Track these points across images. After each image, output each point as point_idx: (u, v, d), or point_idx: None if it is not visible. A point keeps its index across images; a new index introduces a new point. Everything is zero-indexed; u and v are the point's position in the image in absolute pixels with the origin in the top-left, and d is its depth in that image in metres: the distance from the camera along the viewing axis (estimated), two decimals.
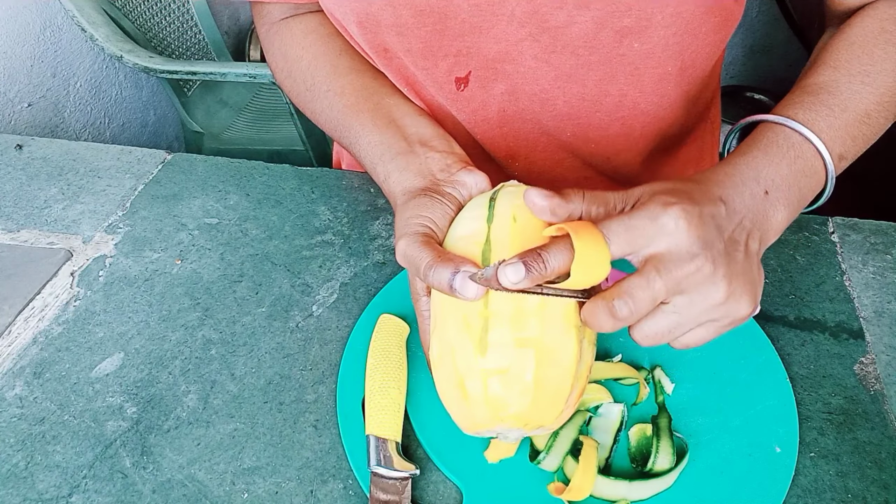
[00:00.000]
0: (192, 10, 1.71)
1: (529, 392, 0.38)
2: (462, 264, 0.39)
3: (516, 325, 0.38)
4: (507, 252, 0.39)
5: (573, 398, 0.40)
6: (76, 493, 0.45)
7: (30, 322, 0.57)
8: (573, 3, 0.52)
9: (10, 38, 1.33)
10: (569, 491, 0.43)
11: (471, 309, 0.40)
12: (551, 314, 0.38)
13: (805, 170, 0.46)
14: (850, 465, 0.47)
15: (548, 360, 0.38)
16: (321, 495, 0.45)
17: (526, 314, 0.38)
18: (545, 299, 0.38)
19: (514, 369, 0.38)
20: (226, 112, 1.75)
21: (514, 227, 0.41)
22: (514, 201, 0.42)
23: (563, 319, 0.38)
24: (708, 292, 0.38)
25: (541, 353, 0.38)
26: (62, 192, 0.70)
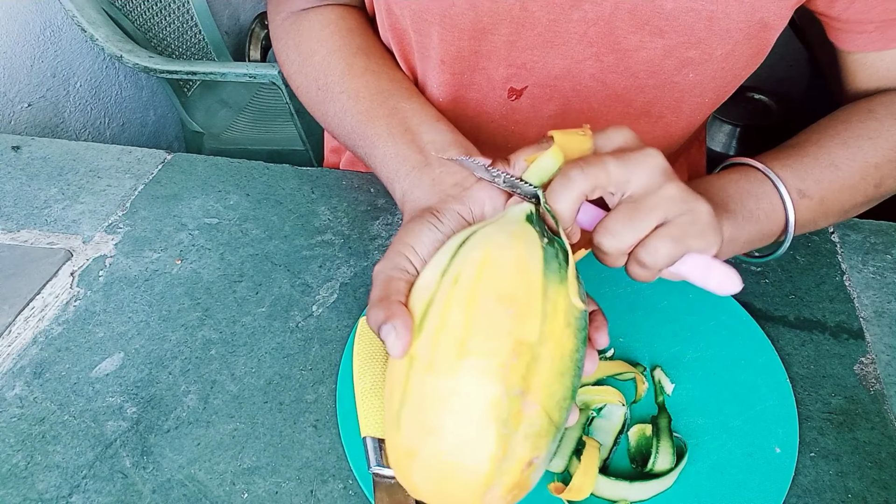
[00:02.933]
0: (192, 10, 1.71)
1: (436, 481, 0.35)
2: (393, 318, 0.37)
3: (428, 408, 0.35)
4: (437, 319, 0.36)
5: (497, 492, 0.35)
6: (76, 493, 0.45)
7: (30, 322, 0.57)
8: (649, 29, 0.53)
9: (10, 38, 1.33)
10: (569, 491, 0.43)
11: (395, 378, 0.37)
12: (468, 404, 0.34)
13: (754, 190, 0.49)
14: (850, 465, 0.47)
15: (456, 454, 0.34)
16: (321, 495, 0.45)
17: (440, 398, 0.34)
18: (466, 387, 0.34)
19: (421, 454, 0.35)
20: (226, 112, 1.75)
21: (453, 293, 0.36)
22: (471, 254, 0.38)
23: (483, 412, 0.34)
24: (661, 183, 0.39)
25: (448, 445, 0.34)
26: (62, 192, 0.70)
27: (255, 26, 2.11)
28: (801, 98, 2.07)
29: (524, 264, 0.37)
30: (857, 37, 0.56)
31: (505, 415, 0.34)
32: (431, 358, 0.35)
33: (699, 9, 0.51)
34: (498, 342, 0.34)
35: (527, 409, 0.34)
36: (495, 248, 0.38)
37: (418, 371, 0.36)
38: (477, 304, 0.36)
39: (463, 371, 0.34)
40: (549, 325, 0.36)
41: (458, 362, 0.34)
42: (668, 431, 0.47)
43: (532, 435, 0.35)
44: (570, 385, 0.36)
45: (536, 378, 0.35)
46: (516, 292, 0.36)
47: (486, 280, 0.36)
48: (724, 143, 2.04)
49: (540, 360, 0.35)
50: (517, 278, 0.36)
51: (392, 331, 0.37)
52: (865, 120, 0.54)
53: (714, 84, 0.58)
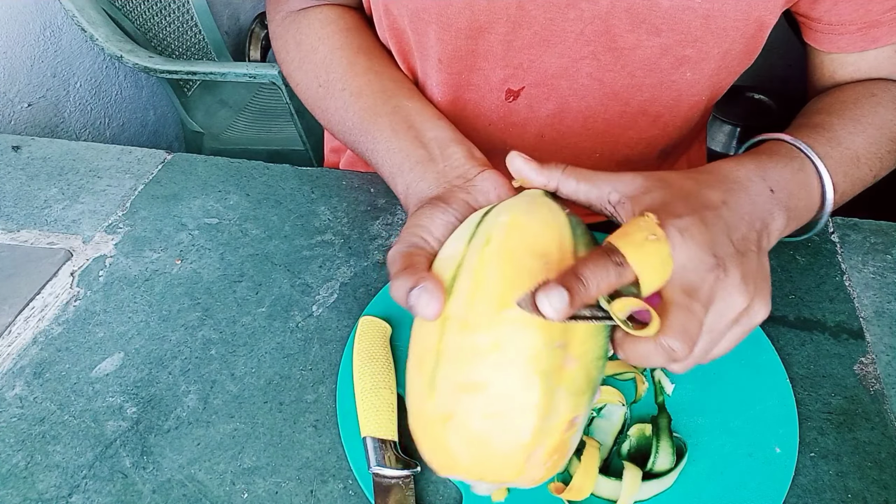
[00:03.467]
0: (192, 10, 1.71)
1: (476, 444, 0.34)
2: (423, 280, 0.35)
3: (467, 365, 0.33)
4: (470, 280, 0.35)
5: (540, 455, 0.34)
6: (76, 493, 0.45)
7: (30, 322, 0.57)
8: (646, 28, 0.53)
9: (10, 39, 1.33)
10: (569, 491, 0.43)
11: (427, 343, 0.36)
12: (511, 357, 0.33)
13: (805, 183, 0.47)
14: (850, 465, 0.47)
15: (499, 410, 0.33)
16: (321, 495, 0.45)
17: (479, 353, 0.33)
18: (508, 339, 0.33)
19: (459, 416, 0.34)
20: (226, 112, 1.75)
21: (486, 252, 0.36)
22: (498, 218, 0.38)
23: (526, 364, 0.33)
24: (733, 300, 0.37)
25: (490, 401, 0.33)
26: (62, 192, 0.70)
27: (255, 26, 2.11)
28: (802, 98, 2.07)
29: (552, 225, 0.37)
30: (838, 38, 0.56)
31: (548, 367, 0.33)
32: (467, 315, 0.34)
33: (695, 7, 0.51)
34: None
35: (568, 364, 0.33)
36: (522, 213, 0.37)
37: (453, 331, 0.34)
38: (512, 259, 0.35)
39: (504, 324, 0.33)
40: None
41: (498, 315, 0.33)
42: (668, 431, 0.47)
43: (574, 392, 0.34)
44: (603, 345, 0.36)
45: (574, 333, 0.34)
46: (549, 248, 0.35)
47: (516, 239, 0.36)
48: (724, 143, 2.04)
49: None
50: (548, 237, 0.36)
51: (423, 293, 0.35)
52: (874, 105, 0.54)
53: (710, 82, 0.58)
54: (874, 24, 0.54)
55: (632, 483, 0.43)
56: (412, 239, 0.41)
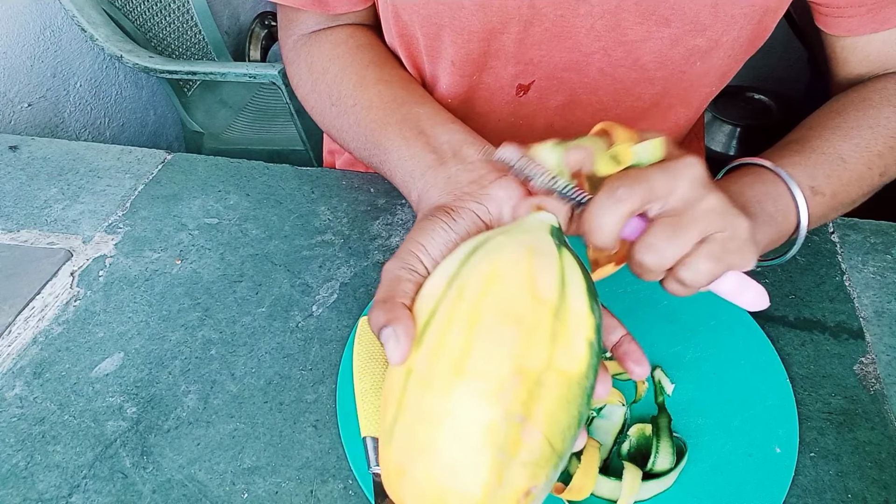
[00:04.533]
0: (192, 10, 1.71)
1: (422, 501, 0.33)
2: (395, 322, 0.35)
3: (421, 426, 0.33)
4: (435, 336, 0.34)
5: None
6: (76, 493, 0.45)
7: (30, 322, 0.57)
8: (655, 19, 0.53)
9: (10, 38, 1.33)
10: (569, 491, 0.43)
11: (393, 387, 0.35)
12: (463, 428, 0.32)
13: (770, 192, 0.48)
14: (850, 465, 0.47)
15: (448, 478, 0.32)
16: (321, 495, 0.45)
17: (434, 418, 0.33)
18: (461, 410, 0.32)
19: (411, 474, 0.33)
20: (226, 112, 1.75)
21: (456, 309, 0.34)
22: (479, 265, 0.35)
23: (479, 436, 0.32)
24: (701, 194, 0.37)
25: (441, 466, 0.32)
26: (62, 192, 0.70)
27: (255, 26, 2.11)
28: (801, 98, 2.07)
29: (535, 281, 0.34)
30: (848, 21, 0.56)
31: (502, 441, 0.32)
32: (429, 374, 0.34)
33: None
34: (498, 364, 0.32)
35: (526, 437, 0.32)
36: (505, 262, 0.35)
37: (414, 386, 0.34)
38: (479, 322, 0.33)
39: (459, 392, 0.32)
40: (559, 348, 0.33)
41: (455, 383, 0.33)
42: (668, 431, 0.47)
43: (531, 463, 0.33)
44: (577, 413, 0.34)
45: (539, 405, 0.33)
46: (523, 312, 0.33)
47: (491, 296, 0.34)
48: (724, 143, 2.04)
49: (545, 387, 0.33)
50: (525, 296, 0.34)
51: (392, 336, 0.35)
52: (862, 108, 0.54)
53: (720, 71, 0.59)
54: (884, 4, 0.54)
55: (632, 483, 0.43)
56: (407, 258, 0.40)
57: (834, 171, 0.50)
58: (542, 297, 0.34)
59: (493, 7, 0.52)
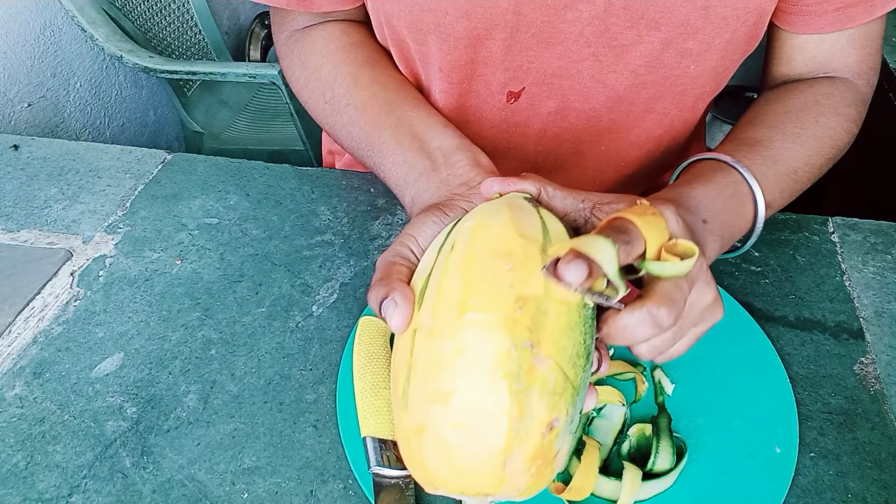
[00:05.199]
0: (192, 10, 1.71)
1: (450, 455, 0.32)
2: (392, 291, 0.36)
3: (434, 375, 0.33)
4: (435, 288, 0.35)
5: (518, 462, 0.32)
6: (76, 493, 0.45)
7: (30, 322, 0.57)
8: (644, 23, 0.53)
9: (10, 38, 1.33)
10: (569, 491, 0.43)
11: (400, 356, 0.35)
12: (475, 362, 0.32)
13: (737, 208, 0.49)
14: (850, 465, 0.47)
15: (469, 418, 0.32)
16: (321, 495, 0.45)
17: (445, 362, 0.32)
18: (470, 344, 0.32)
19: (430, 428, 0.32)
20: (226, 112, 1.75)
21: (449, 259, 0.35)
22: (465, 223, 0.37)
23: (491, 367, 0.31)
24: (707, 289, 0.39)
25: (459, 409, 0.32)
26: (62, 192, 0.70)
27: (255, 26, 2.11)
28: None
29: (520, 224, 0.35)
30: (816, 19, 0.57)
31: (516, 369, 0.31)
32: (433, 324, 0.33)
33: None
34: (499, 296, 0.32)
35: (539, 364, 0.32)
36: (489, 215, 0.37)
37: (421, 342, 0.34)
38: (473, 263, 0.34)
39: (465, 328, 0.32)
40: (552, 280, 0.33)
41: (460, 320, 0.32)
42: (668, 431, 0.47)
43: (548, 392, 0.32)
44: (582, 341, 0.34)
45: (544, 331, 0.32)
46: (513, 248, 0.34)
47: (480, 241, 0.35)
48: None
49: (546, 314, 0.33)
50: (513, 235, 0.35)
51: (391, 304, 0.36)
52: (815, 115, 0.56)
53: (714, 73, 0.58)
54: (851, 3, 0.55)
55: (632, 483, 0.43)
56: (398, 248, 0.41)
57: (787, 186, 0.53)
58: (528, 235, 0.35)
59: (477, 14, 0.52)
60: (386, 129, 0.53)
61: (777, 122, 0.55)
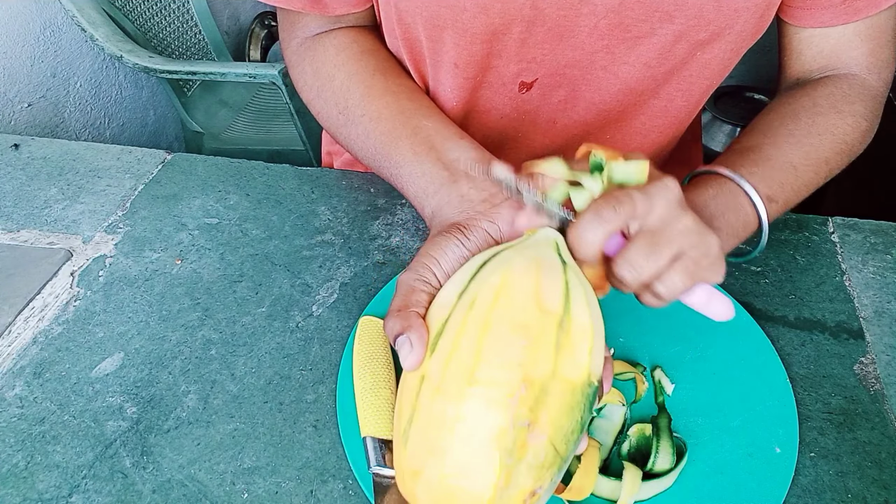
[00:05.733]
0: (192, 10, 1.71)
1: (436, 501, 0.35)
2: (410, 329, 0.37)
3: (434, 430, 0.35)
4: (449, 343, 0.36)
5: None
6: (76, 493, 0.45)
7: (30, 322, 0.57)
8: (659, 16, 0.53)
9: (10, 38, 1.33)
10: (569, 491, 0.43)
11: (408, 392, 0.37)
12: (474, 432, 0.34)
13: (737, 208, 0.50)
14: (850, 465, 0.47)
15: (460, 478, 0.34)
16: (321, 495, 0.45)
17: (446, 423, 0.35)
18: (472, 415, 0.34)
19: (425, 474, 0.35)
20: (226, 112, 1.75)
21: (468, 317, 0.36)
22: (490, 278, 0.38)
23: (488, 441, 0.34)
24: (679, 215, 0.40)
25: (453, 467, 0.34)
26: (62, 192, 0.70)
27: (255, 26, 2.11)
28: None
29: (542, 293, 0.37)
30: (821, 13, 0.57)
31: (510, 445, 0.34)
32: (441, 380, 0.36)
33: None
34: (507, 373, 0.35)
35: (532, 441, 0.34)
36: (514, 274, 0.37)
37: (427, 392, 0.36)
38: (490, 331, 0.36)
39: (470, 398, 0.34)
40: (564, 357, 0.35)
41: (467, 389, 0.35)
42: (668, 431, 0.47)
43: (536, 466, 0.35)
44: (580, 419, 0.36)
45: (545, 411, 0.35)
46: (530, 322, 0.36)
47: (500, 307, 0.36)
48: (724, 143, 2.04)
49: (550, 394, 0.35)
50: (533, 307, 0.36)
51: (406, 342, 0.37)
52: (812, 115, 0.56)
53: (722, 65, 0.59)
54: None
55: (632, 483, 0.43)
56: (421, 271, 0.42)
57: (787, 180, 0.53)
58: (547, 309, 0.36)
59: (496, 8, 0.52)
60: (402, 140, 0.53)
61: (770, 128, 0.56)
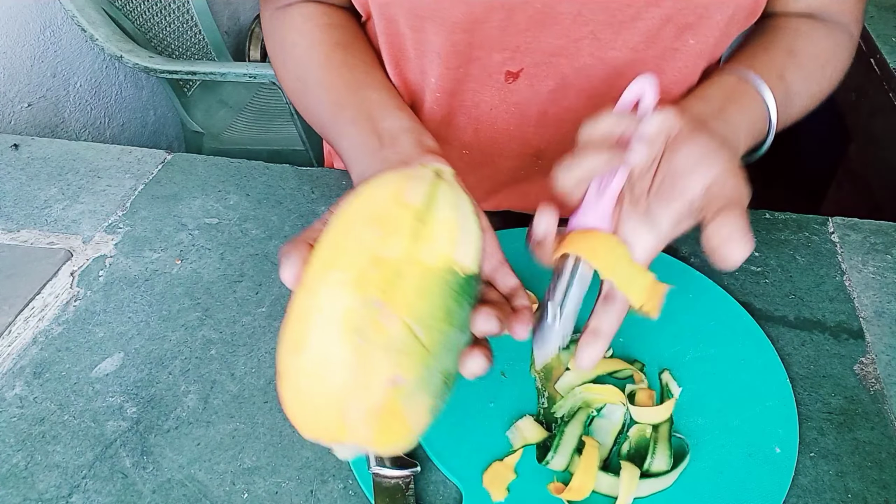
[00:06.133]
0: (192, 10, 1.71)
1: (301, 401, 0.35)
2: (291, 252, 0.38)
3: (297, 327, 0.35)
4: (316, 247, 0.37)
5: (359, 413, 0.34)
6: (76, 493, 0.45)
7: (30, 322, 0.57)
8: (643, 1, 0.53)
9: (10, 38, 1.33)
10: (569, 491, 0.43)
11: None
12: (327, 317, 0.34)
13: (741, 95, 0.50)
14: (850, 465, 0.47)
15: (316, 368, 0.34)
16: (321, 495, 0.45)
17: (306, 316, 0.35)
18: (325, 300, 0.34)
19: (289, 375, 0.35)
20: (226, 112, 1.75)
21: (331, 221, 0.38)
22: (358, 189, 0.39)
23: (339, 322, 0.34)
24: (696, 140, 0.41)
25: (310, 360, 0.34)
26: (62, 192, 0.70)
27: (255, 26, 2.11)
28: None
29: (402, 192, 0.37)
30: None
31: (360, 324, 0.33)
32: (305, 279, 0.36)
33: None
34: (358, 257, 0.35)
35: (386, 321, 0.34)
36: (378, 183, 0.38)
37: (297, 296, 0.36)
38: (346, 225, 0.36)
39: (324, 286, 0.34)
40: (421, 245, 0.35)
41: (322, 277, 0.35)
42: (667, 434, 0.47)
43: (393, 350, 0.34)
44: (443, 306, 0.35)
45: (398, 292, 0.34)
46: (386, 214, 0.36)
47: (359, 205, 0.37)
48: None
49: (404, 277, 0.34)
50: (390, 202, 0.36)
51: (286, 259, 0.38)
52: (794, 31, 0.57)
53: (711, 50, 0.58)
54: None
55: (629, 481, 0.43)
56: (326, 216, 0.42)
57: (787, 64, 0.53)
58: (406, 203, 0.36)
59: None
60: (346, 110, 0.54)
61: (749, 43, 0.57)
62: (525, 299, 0.42)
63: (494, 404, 0.49)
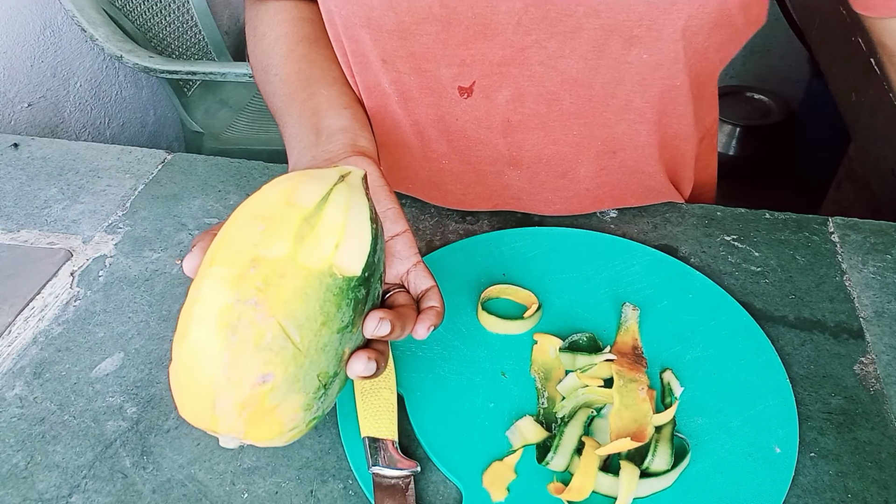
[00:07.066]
0: (192, 10, 1.71)
1: (180, 390, 0.36)
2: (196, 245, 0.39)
3: (183, 317, 0.36)
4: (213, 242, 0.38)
5: (228, 406, 0.35)
6: (76, 493, 0.45)
7: (30, 322, 0.57)
8: (583, 10, 0.51)
9: (10, 38, 1.33)
10: (569, 491, 0.43)
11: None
12: (206, 309, 0.35)
13: None
14: (850, 465, 0.47)
15: (192, 358, 0.35)
16: (321, 495, 0.45)
17: (189, 306, 0.36)
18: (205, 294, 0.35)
19: (174, 363, 0.36)
20: (226, 112, 1.75)
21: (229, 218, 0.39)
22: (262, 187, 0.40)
23: (215, 316, 0.35)
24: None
25: (188, 349, 0.35)
26: (62, 192, 0.70)
27: None
28: (802, 98, 2.07)
29: (295, 192, 0.38)
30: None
31: (234, 322, 0.34)
32: (196, 273, 0.37)
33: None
34: (240, 255, 0.35)
35: (260, 320, 0.34)
36: (279, 181, 0.39)
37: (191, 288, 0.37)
38: (234, 222, 0.37)
39: (206, 279, 0.35)
40: (305, 247, 0.36)
41: (206, 271, 0.36)
42: (669, 433, 0.47)
43: (265, 348, 0.34)
44: (321, 310, 0.36)
45: (275, 292, 0.35)
46: (273, 213, 0.37)
47: (250, 203, 0.38)
48: (724, 143, 2.04)
49: (283, 277, 0.35)
50: (280, 202, 0.37)
51: (191, 251, 0.39)
52: None
53: (680, 66, 0.55)
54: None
55: (629, 481, 0.43)
56: None
57: None
58: (295, 204, 0.37)
59: (402, 6, 0.52)
60: (295, 104, 0.55)
61: None
62: (435, 301, 0.43)
63: (494, 404, 0.49)
